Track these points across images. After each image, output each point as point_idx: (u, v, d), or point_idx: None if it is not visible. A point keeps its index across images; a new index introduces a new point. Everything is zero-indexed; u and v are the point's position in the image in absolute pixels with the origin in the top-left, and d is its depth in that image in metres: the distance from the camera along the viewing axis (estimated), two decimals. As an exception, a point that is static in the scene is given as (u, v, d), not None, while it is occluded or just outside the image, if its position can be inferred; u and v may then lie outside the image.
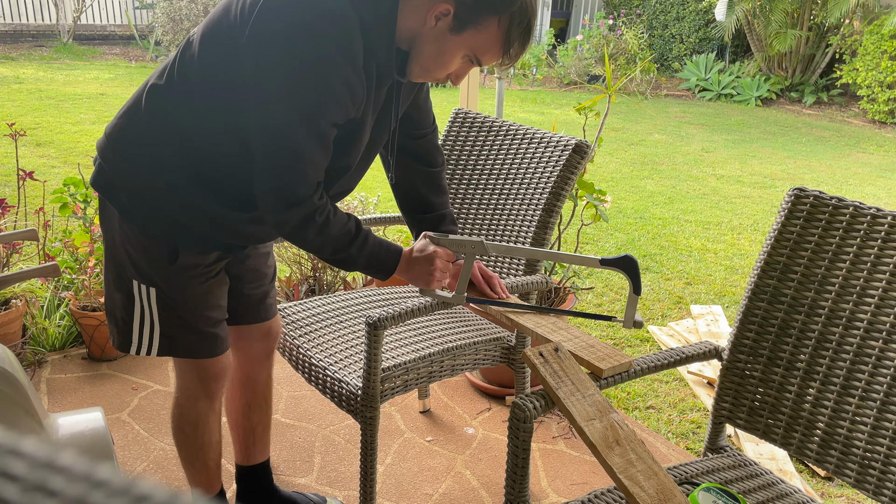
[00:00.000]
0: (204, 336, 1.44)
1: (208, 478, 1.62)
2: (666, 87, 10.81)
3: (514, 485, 1.26)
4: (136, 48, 11.08)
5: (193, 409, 1.53)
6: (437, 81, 1.37)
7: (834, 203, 1.40)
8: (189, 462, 1.60)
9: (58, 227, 2.94)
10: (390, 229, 3.33)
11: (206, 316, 1.43)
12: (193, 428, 1.54)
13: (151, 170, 1.31)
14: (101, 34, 11.45)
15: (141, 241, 1.35)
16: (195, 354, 1.46)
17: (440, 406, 2.40)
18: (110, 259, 1.41)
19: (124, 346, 1.43)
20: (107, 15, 11.53)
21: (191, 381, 1.50)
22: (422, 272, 1.43)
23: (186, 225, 1.34)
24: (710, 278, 3.72)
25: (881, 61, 8.66)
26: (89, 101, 7.10)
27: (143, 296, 1.38)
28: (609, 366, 1.30)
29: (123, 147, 1.32)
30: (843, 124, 8.91)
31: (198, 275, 1.39)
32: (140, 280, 1.37)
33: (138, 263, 1.36)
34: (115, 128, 1.34)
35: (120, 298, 1.40)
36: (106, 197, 1.35)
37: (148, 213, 1.33)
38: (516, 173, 1.97)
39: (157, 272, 1.36)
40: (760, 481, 1.41)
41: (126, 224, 1.34)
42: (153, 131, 1.30)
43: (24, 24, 10.80)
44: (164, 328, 1.41)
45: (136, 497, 0.22)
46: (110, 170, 1.34)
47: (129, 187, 1.33)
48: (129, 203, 1.33)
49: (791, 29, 9.66)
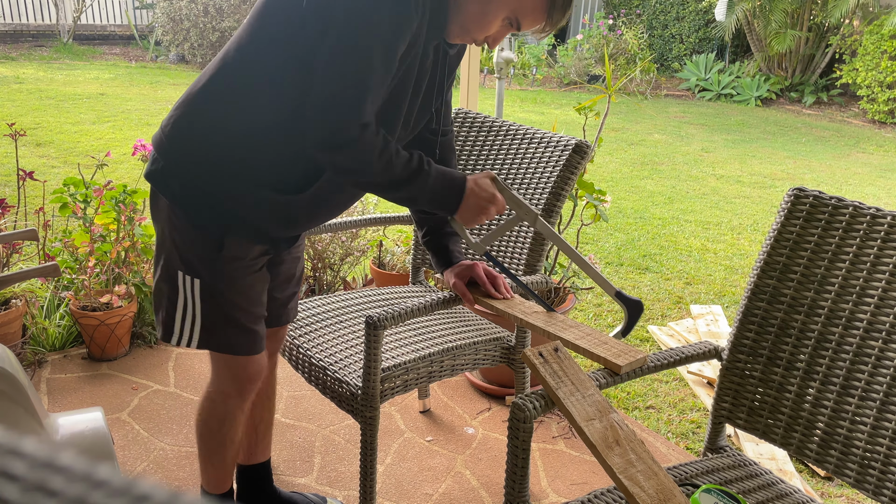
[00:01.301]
0: (243, 331, 1.44)
1: (223, 475, 1.62)
2: (666, 87, 10.81)
3: (514, 485, 1.26)
4: (136, 48, 11.08)
5: (223, 406, 1.52)
6: (474, 43, 1.36)
7: (833, 203, 1.40)
8: (207, 457, 1.59)
9: (58, 227, 2.94)
10: (390, 229, 3.33)
11: (248, 310, 1.44)
12: (220, 424, 1.54)
13: (209, 157, 1.31)
14: (101, 34, 11.45)
15: (189, 230, 1.36)
16: (234, 350, 1.45)
17: (440, 406, 2.40)
18: (160, 251, 1.42)
19: (167, 336, 1.44)
20: (107, 15, 11.53)
21: (225, 378, 1.50)
22: (473, 207, 1.41)
23: (237, 214, 1.34)
24: (709, 278, 3.72)
25: (881, 61, 8.66)
26: (89, 101, 7.10)
27: (186, 287, 1.39)
28: (626, 362, 1.30)
29: (180, 137, 1.33)
30: (843, 124, 8.91)
31: (242, 267, 1.40)
32: (185, 271, 1.38)
33: (184, 253, 1.37)
34: (171, 120, 1.35)
35: (166, 289, 1.41)
36: (158, 188, 1.36)
37: (200, 202, 1.33)
38: (516, 173, 1.97)
39: (203, 262, 1.37)
40: (760, 481, 1.41)
41: (175, 214, 1.35)
42: (211, 118, 1.31)
43: (24, 24, 10.80)
44: (206, 320, 1.41)
45: (136, 497, 0.22)
46: (165, 161, 1.34)
47: (183, 176, 1.33)
48: (180, 192, 1.34)
49: (791, 29, 9.66)
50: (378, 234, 3.01)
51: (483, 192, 1.40)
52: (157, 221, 1.42)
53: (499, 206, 1.43)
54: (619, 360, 1.30)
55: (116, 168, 4.90)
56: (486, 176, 1.43)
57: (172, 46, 10.10)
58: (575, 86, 10.16)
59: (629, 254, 4.00)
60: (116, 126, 6.18)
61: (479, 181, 1.41)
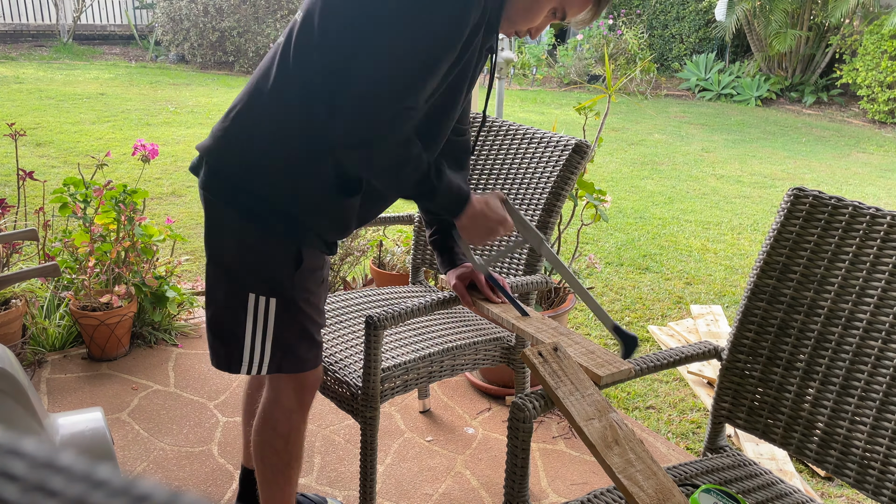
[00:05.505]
0: (314, 345, 1.42)
1: (288, 496, 1.54)
2: (666, 87, 10.81)
3: (514, 485, 1.26)
4: (136, 48, 11.08)
5: (287, 422, 1.47)
6: (517, 35, 1.35)
7: (833, 203, 1.40)
8: (272, 480, 1.51)
9: (58, 227, 2.94)
10: (390, 229, 3.33)
11: (318, 322, 1.42)
12: (285, 442, 1.48)
13: (278, 170, 1.28)
14: (101, 34, 11.45)
15: (264, 247, 1.32)
16: (304, 366, 1.42)
17: (440, 406, 2.40)
18: (222, 274, 1.37)
19: (234, 365, 1.38)
20: (107, 15, 11.53)
21: (288, 394, 1.45)
22: (482, 228, 1.40)
23: (307, 223, 1.32)
24: (709, 278, 3.72)
25: (881, 61, 8.66)
26: (89, 101, 7.10)
27: (259, 310, 1.34)
28: (607, 373, 1.29)
29: (245, 149, 1.29)
30: (843, 124, 8.90)
31: (315, 279, 1.38)
32: (259, 292, 1.34)
33: (261, 273, 1.33)
34: (228, 131, 1.30)
35: (231, 315, 1.36)
36: (226, 202, 1.32)
37: (276, 215, 1.30)
38: (516, 173, 1.97)
39: (283, 278, 1.33)
40: (760, 481, 1.41)
41: (247, 231, 1.31)
42: (275, 129, 1.27)
43: (24, 24, 10.80)
44: (279, 340, 1.37)
45: (136, 497, 0.22)
46: (231, 173, 1.31)
47: (254, 190, 1.29)
48: (255, 206, 1.29)
49: (791, 29, 9.66)
50: (378, 234, 3.01)
51: (493, 213, 1.40)
52: (218, 243, 1.36)
53: (507, 228, 1.43)
54: (600, 370, 1.29)
55: (116, 168, 4.90)
56: (496, 197, 1.43)
57: (172, 46, 10.10)
58: (575, 86, 10.16)
59: (629, 254, 4.00)
60: (116, 126, 6.18)
61: (490, 202, 1.41)
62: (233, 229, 1.33)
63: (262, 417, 1.49)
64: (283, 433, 1.47)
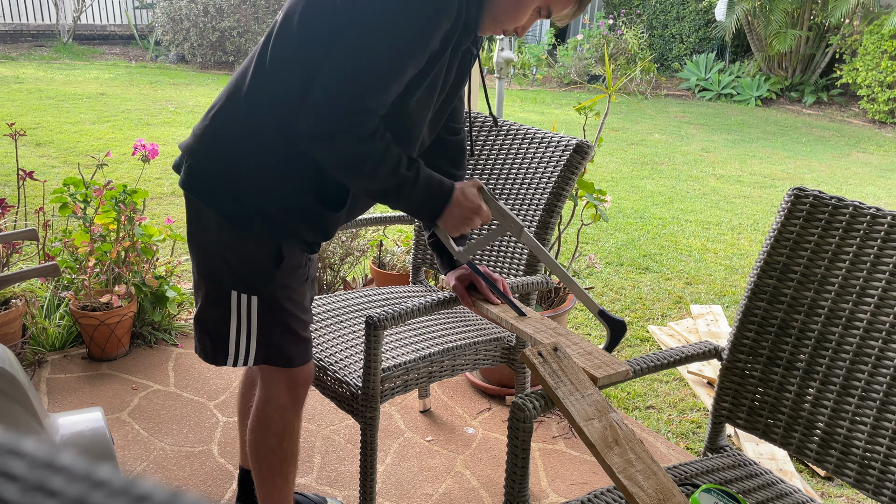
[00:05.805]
0: (300, 340, 1.43)
1: (286, 494, 1.55)
2: (666, 87, 10.81)
3: (514, 485, 1.26)
4: (136, 48, 11.08)
5: (280, 419, 1.48)
6: (503, 34, 1.36)
7: (833, 203, 1.40)
8: (269, 478, 1.52)
9: (58, 226, 2.94)
10: (390, 229, 3.33)
11: (302, 319, 1.43)
12: (280, 439, 1.49)
13: (257, 170, 1.29)
14: (101, 34, 11.45)
15: (244, 246, 1.33)
16: (291, 361, 1.43)
17: (440, 406, 2.40)
18: (206, 273, 1.39)
19: (220, 358, 1.41)
20: (107, 15, 11.53)
21: (279, 391, 1.46)
22: (458, 216, 1.40)
23: (287, 224, 1.33)
24: (710, 278, 3.72)
25: (881, 61, 8.66)
26: (89, 101, 7.10)
27: (242, 307, 1.36)
28: (605, 374, 1.29)
29: (224, 148, 1.31)
30: (843, 124, 8.91)
31: (297, 276, 1.39)
32: (241, 290, 1.35)
33: (240, 271, 1.35)
34: (207, 130, 1.32)
35: (214, 315, 1.39)
36: (205, 201, 1.33)
37: (254, 215, 1.31)
38: (517, 173, 1.97)
39: (262, 276, 1.35)
40: (760, 481, 1.41)
41: (227, 230, 1.32)
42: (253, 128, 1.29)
43: (24, 24, 10.80)
44: (262, 336, 1.39)
45: (136, 497, 0.22)
46: (210, 172, 1.32)
47: (233, 190, 1.31)
48: (234, 206, 1.31)
49: (791, 29, 9.66)
50: (378, 233, 3.01)
51: (468, 201, 1.40)
52: (201, 241, 1.38)
53: (483, 217, 1.43)
54: (597, 371, 1.29)
55: (116, 168, 4.90)
56: (473, 185, 1.42)
57: (172, 46, 10.10)
58: (575, 86, 10.16)
59: (629, 254, 4.00)
60: (116, 126, 6.18)
61: (465, 190, 1.40)
62: (213, 228, 1.34)
63: (256, 416, 1.50)
64: (276, 431, 1.49)
